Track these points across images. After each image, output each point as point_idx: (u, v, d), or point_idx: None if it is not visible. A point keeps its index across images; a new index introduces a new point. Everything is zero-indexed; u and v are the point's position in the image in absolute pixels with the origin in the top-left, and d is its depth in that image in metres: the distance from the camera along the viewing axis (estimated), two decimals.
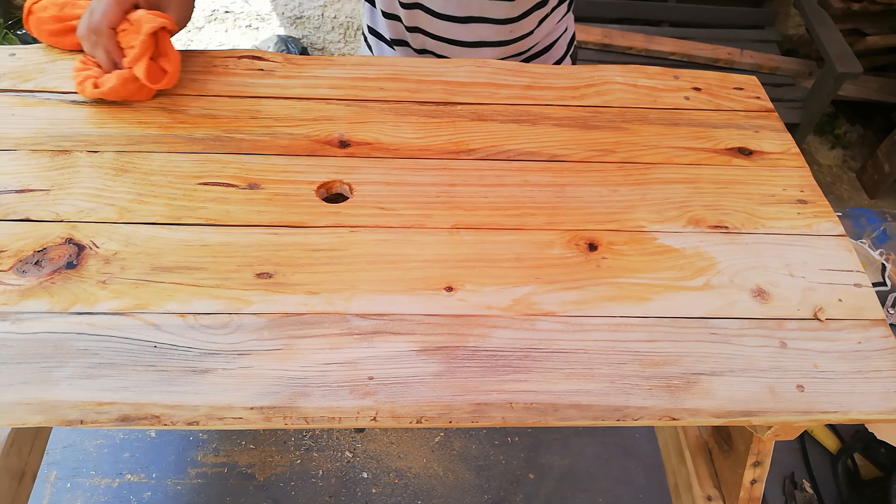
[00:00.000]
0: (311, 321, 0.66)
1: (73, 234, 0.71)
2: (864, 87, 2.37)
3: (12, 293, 0.65)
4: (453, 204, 0.79)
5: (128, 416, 0.59)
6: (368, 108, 0.90)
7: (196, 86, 0.90)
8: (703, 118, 0.95)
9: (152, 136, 0.82)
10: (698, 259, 0.77)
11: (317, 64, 0.95)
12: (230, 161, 0.81)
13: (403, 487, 1.33)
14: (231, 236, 0.73)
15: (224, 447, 1.36)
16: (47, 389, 0.59)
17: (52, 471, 1.29)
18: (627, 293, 0.72)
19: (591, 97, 0.97)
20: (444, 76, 0.96)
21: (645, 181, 0.85)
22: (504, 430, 1.43)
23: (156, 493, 1.28)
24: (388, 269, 0.72)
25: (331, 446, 1.38)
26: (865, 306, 0.74)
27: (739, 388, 0.66)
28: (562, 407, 0.63)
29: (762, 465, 0.88)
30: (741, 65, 2.22)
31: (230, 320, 0.65)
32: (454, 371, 0.64)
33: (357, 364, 0.64)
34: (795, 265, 0.77)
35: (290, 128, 0.86)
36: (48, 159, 0.78)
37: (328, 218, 0.76)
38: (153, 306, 0.66)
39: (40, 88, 0.86)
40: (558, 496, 1.35)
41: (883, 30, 2.42)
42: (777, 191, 0.86)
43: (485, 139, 0.88)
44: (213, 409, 0.60)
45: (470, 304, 0.69)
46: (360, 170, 0.82)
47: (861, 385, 0.67)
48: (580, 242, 0.77)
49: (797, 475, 1.40)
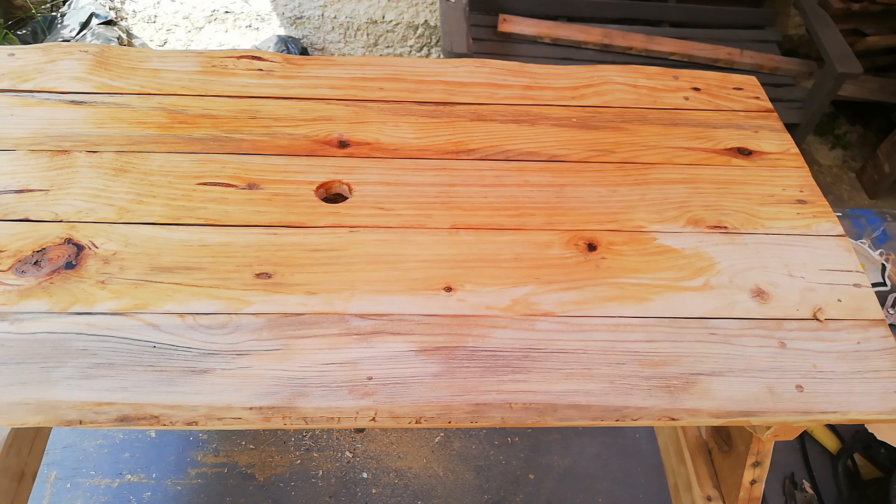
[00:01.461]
0: (310, 321, 0.66)
1: (72, 234, 0.71)
2: (864, 87, 2.37)
3: (11, 293, 0.65)
4: (453, 204, 0.79)
5: (127, 417, 0.59)
6: (368, 109, 0.90)
7: (195, 86, 0.90)
8: (702, 118, 0.95)
9: (151, 136, 0.82)
10: (698, 259, 0.77)
11: (316, 64, 0.95)
12: (229, 161, 0.81)
13: (403, 488, 1.33)
14: (230, 236, 0.73)
15: (224, 447, 1.36)
16: (46, 390, 0.59)
17: (52, 471, 1.29)
18: (627, 293, 0.72)
19: (590, 97, 0.97)
20: (444, 76, 0.96)
21: (644, 181, 0.85)
22: (504, 431, 1.43)
23: (156, 493, 1.28)
24: (388, 269, 0.72)
25: (331, 446, 1.38)
26: (865, 306, 0.74)
27: (739, 388, 0.66)
28: (561, 407, 0.63)
29: (762, 465, 0.88)
30: (741, 65, 2.22)
31: (229, 320, 0.65)
32: (453, 371, 0.64)
33: (356, 364, 0.64)
34: (795, 265, 0.77)
35: (290, 128, 0.86)
36: (47, 159, 0.78)
37: (327, 218, 0.76)
38: (152, 306, 0.66)
39: (39, 88, 0.86)
40: (558, 496, 1.34)
41: (883, 30, 2.41)
42: (776, 191, 0.86)
43: (484, 139, 0.88)
44: (212, 409, 0.60)
45: (469, 305, 0.69)
46: (359, 170, 0.82)
47: (860, 385, 0.67)
48: (579, 242, 0.77)
49: (797, 475, 1.40)
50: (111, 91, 0.87)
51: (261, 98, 0.89)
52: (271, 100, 0.89)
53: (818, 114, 2.07)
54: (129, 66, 0.91)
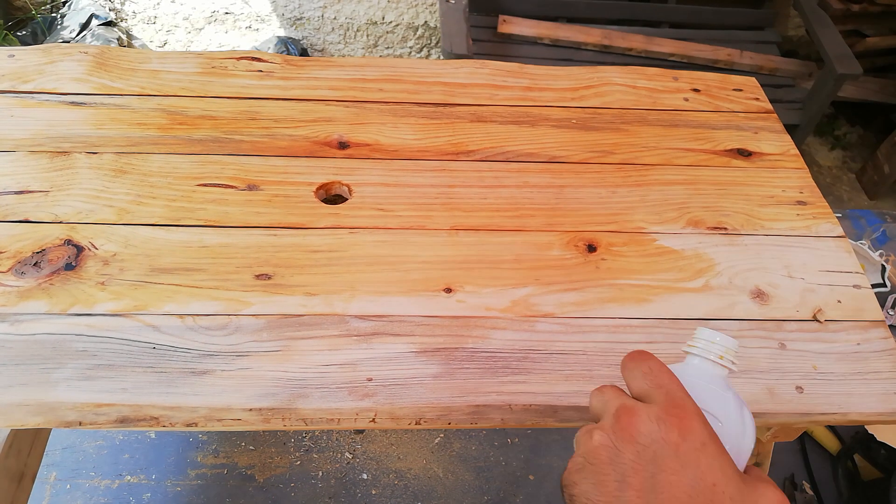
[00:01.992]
0: (309, 322, 0.66)
1: (72, 235, 0.71)
2: (863, 88, 2.37)
3: (11, 294, 0.65)
4: (452, 205, 0.79)
5: (127, 418, 0.59)
6: (368, 110, 0.90)
7: (195, 87, 0.90)
8: (702, 119, 0.95)
9: (151, 137, 0.82)
10: (697, 260, 0.76)
11: (316, 65, 0.95)
12: (229, 162, 0.81)
13: (403, 489, 1.33)
14: (230, 238, 0.73)
15: (224, 448, 1.36)
16: (46, 391, 0.59)
17: (52, 472, 1.29)
18: (627, 294, 0.72)
19: (590, 98, 0.97)
20: (443, 77, 0.96)
21: (644, 182, 0.85)
22: (504, 432, 1.43)
23: (155, 494, 1.28)
24: (388, 270, 0.72)
25: (330, 447, 1.38)
26: (865, 308, 0.74)
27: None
28: (561, 408, 0.63)
29: (762, 466, 0.88)
30: (741, 66, 2.22)
31: (229, 322, 0.65)
32: (453, 372, 0.64)
33: (356, 365, 0.64)
34: (795, 266, 0.77)
35: (290, 129, 0.86)
36: (47, 160, 0.78)
37: (327, 219, 0.76)
38: (152, 308, 0.66)
39: (39, 90, 0.86)
40: (558, 497, 1.34)
41: (882, 31, 2.42)
42: (776, 192, 0.86)
43: (484, 140, 0.88)
44: (211, 410, 0.60)
45: (469, 306, 0.69)
46: (359, 171, 0.82)
47: (860, 386, 0.67)
48: (579, 244, 0.77)
49: (797, 476, 1.40)
50: (111, 92, 0.87)
51: (261, 99, 0.89)
52: (271, 101, 0.89)
53: (818, 115, 2.07)
54: (129, 68, 0.91)
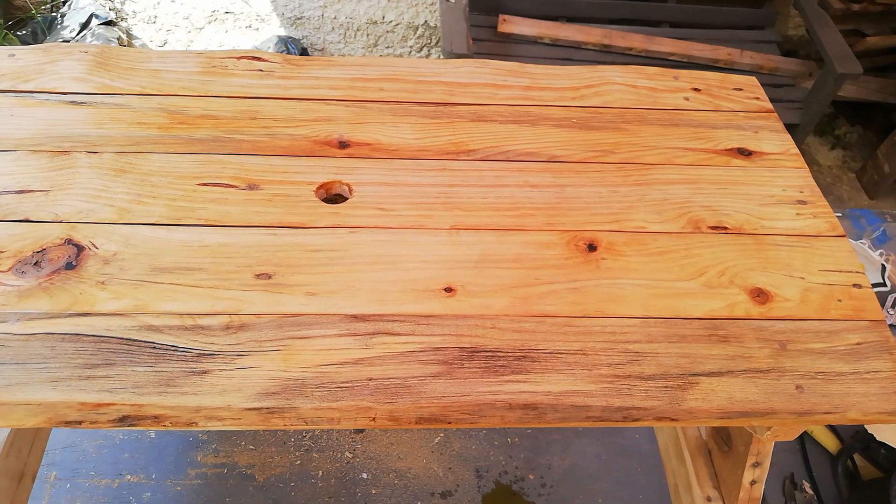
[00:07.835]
0: (310, 322, 0.66)
1: (72, 234, 0.71)
2: (863, 87, 2.37)
3: (11, 294, 0.65)
4: (453, 204, 0.79)
5: (127, 417, 0.59)
6: (368, 109, 0.90)
7: (195, 86, 0.90)
8: (702, 119, 0.95)
9: (152, 136, 0.82)
10: (698, 260, 0.77)
11: (316, 65, 0.95)
12: (229, 162, 0.81)
13: (403, 488, 1.33)
14: (230, 237, 0.73)
15: (224, 448, 1.36)
16: (47, 390, 0.59)
17: (52, 471, 1.29)
18: (627, 294, 0.72)
19: (590, 98, 0.97)
20: (444, 77, 0.96)
21: (644, 182, 0.85)
22: (504, 431, 1.43)
23: (155, 493, 1.28)
24: (388, 269, 0.72)
25: (330, 447, 1.38)
26: (865, 307, 0.74)
27: (739, 388, 0.66)
28: (561, 407, 0.63)
29: (762, 465, 0.88)
30: (741, 65, 2.22)
31: (229, 321, 0.65)
32: (453, 372, 0.64)
33: (356, 365, 0.64)
34: (795, 266, 0.77)
35: (290, 128, 0.86)
36: (47, 160, 0.78)
37: (327, 219, 0.76)
38: (152, 307, 0.66)
39: (40, 89, 0.86)
40: (558, 496, 1.34)
41: (883, 30, 2.41)
42: (776, 191, 0.86)
43: (484, 140, 0.88)
44: (212, 409, 0.60)
45: (469, 305, 0.69)
46: (359, 170, 0.82)
47: (860, 386, 0.67)
48: (580, 243, 0.77)
49: (797, 476, 1.40)
50: (111, 92, 0.87)
51: (261, 98, 0.89)
52: (271, 100, 0.89)
53: (818, 114, 2.07)
54: (130, 67, 0.91)
